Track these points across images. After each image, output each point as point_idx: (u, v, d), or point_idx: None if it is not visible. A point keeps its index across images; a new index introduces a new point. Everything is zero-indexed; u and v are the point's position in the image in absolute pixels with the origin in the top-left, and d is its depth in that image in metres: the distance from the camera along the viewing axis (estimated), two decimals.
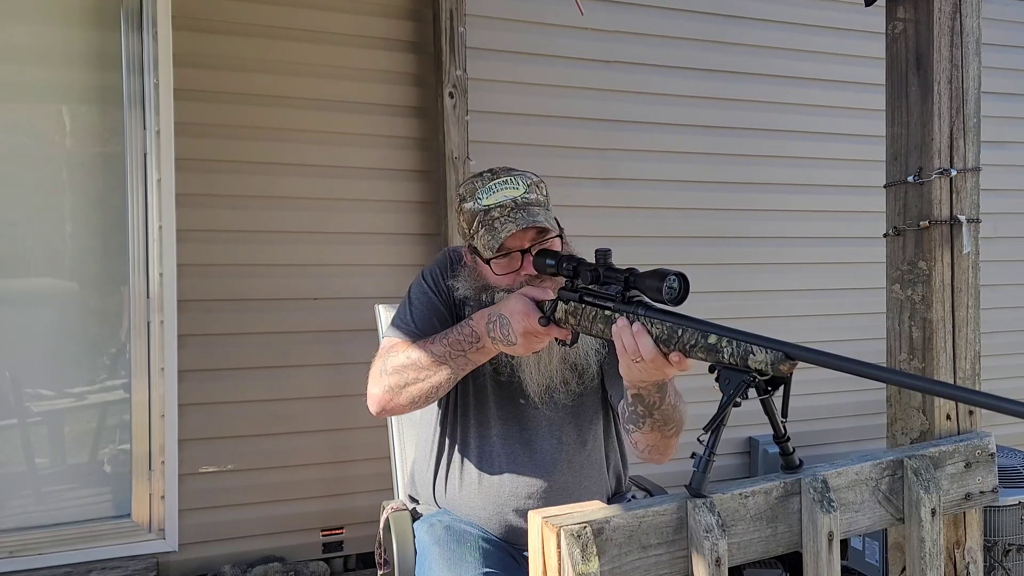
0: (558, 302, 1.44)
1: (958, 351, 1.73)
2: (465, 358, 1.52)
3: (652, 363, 1.28)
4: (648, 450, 1.53)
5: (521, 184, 1.60)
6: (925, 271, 1.72)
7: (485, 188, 1.59)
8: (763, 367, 1.15)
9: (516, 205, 1.56)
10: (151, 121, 2.69)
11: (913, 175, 1.74)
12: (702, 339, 1.22)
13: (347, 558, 3.02)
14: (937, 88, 1.71)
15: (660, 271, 1.28)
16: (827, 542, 1.28)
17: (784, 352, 1.13)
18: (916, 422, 1.74)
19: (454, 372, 1.53)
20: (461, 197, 1.64)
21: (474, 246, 1.61)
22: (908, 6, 1.75)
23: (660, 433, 1.48)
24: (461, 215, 1.63)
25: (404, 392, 1.55)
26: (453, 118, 2.99)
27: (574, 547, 1.13)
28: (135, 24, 2.69)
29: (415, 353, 1.54)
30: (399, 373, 1.55)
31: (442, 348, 1.53)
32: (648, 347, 1.27)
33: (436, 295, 1.67)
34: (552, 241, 1.60)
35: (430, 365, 1.52)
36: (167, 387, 2.73)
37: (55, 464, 2.74)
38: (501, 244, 1.54)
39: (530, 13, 3.24)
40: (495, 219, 1.55)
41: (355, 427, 2.90)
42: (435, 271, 1.71)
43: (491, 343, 1.49)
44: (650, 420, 1.45)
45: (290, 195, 2.91)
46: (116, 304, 2.76)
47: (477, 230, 1.57)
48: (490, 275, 1.60)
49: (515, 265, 1.58)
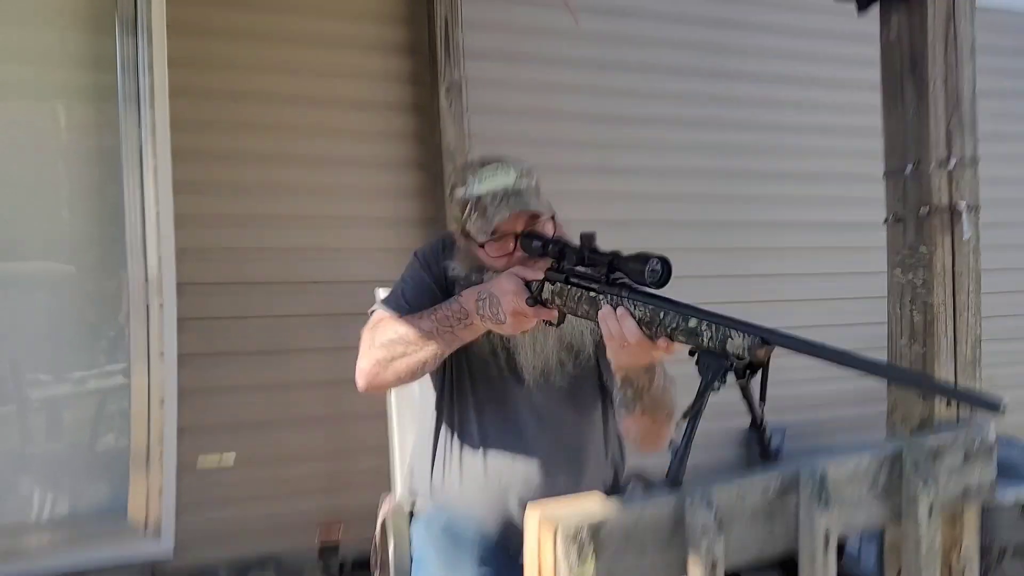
0: (545, 283, 1.46)
1: (959, 335, 1.74)
2: (453, 334, 1.53)
3: (638, 346, 1.29)
4: (641, 437, 1.56)
5: (512, 172, 1.61)
6: (926, 255, 1.72)
7: (477, 176, 1.61)
8: (740, 352, 1.15)
9: (508, 192, 1.57)
10: (146, 118, 2.70)
11: (910, 165, 1.74)
12: (683, 322, 1.23)
13: (344, 559, 3.00)
14: (932, 92, 1.72)
15: (642, 254, 1.29)
16: (823, 541, 1.26)
17: (761, 337, 1.14)
18: (916, 408, 1.74)
19: (441, 348, 1.54)
20: (453, 185, 1.67)
21: (466, 231, 1.63)
22: (902, 13, 1.76)
23: (651, 418, 1.50)
24: (453, 202, 1.66)
25: (391, 367, 1.56)
26: (449, 116, 3.04)
27: (570, 549, 1.11)
28: (130, 29, 2.71)
29: (403, 328, 1.56)
30: (386, 348, 1.56)
31: (430, 324, 1.54)
32: (632, 330, 1.29)
33: (428, 274, 1.69)
34: (544, 224, 1.61)
35: (417, 340, 1.53)
36: (167, 372, 2.72)
37: (52, 453, 2.73)
38: (494, 228, 1.56)
39: (525, 18, 3.30)
40: (487, 206, 1.57)
41: (354, 415, 2.88)
42: (427, 252, 1.73)
43: (479, 320, 1.51)
44: (640, 404, 1.47)
45: (290, 184, 2.95)
46: (114, 288, 2.76)
47: (469, 216, 1.59)
48: (485, 257, 1.62)
49: (508, 248, 1.60)
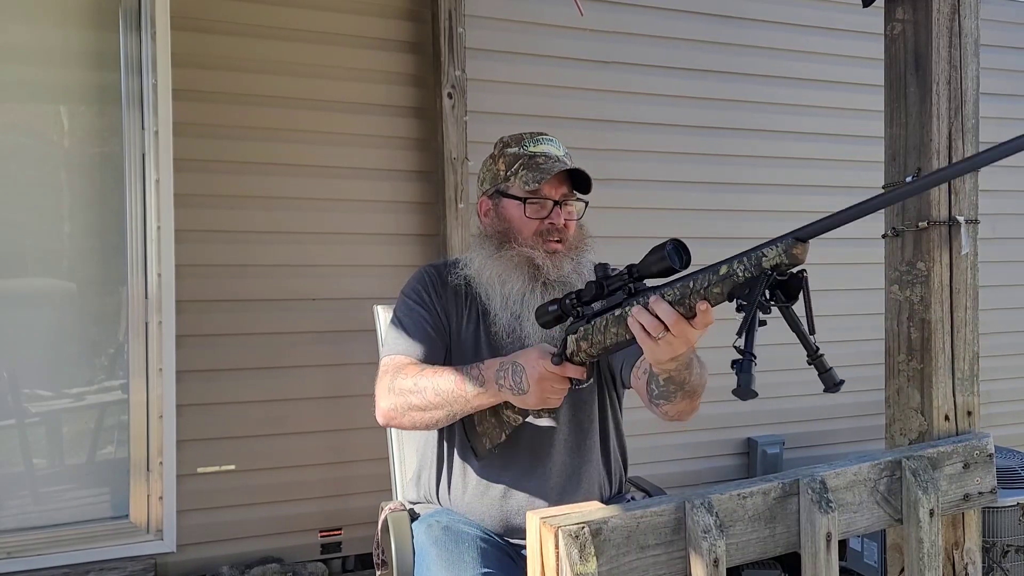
0: (567, 337, 1.44)
1: (956, 352, 1.73)
2: (466, 400, 1.54)
3: (675, 328, 1.26)
4: (677, 415, 1.57)
5: (562, 148, 1.74)
6: (924, 272, 1.72)
7: (532, 140, 1.71)
8: (778, 260, 1.16)
9: (559, 159, 1.69)
10: (149, 121, 2.69)
11: (912, 176, 1.74)
12: (713, 275, 1.23)
13: (345, 559, 3.02)
14: (936, 89, 1.71)
15: (656, 247, 1.29)
16: (825, 543, 1.28)
17: (793, 236, 1.15)
18: (914, 423, 1.73)
19: (453, 412, 1.56)
20: (505, 143, 1.74)
21: (501, 189, 1.69)
22: (907, 7, 1.75)
23: (689, 400, 1.52)
24: (501, 159, 1.72)
25: (406, 416, 1.60)
26: (452, 119, 2.99)
27: (572, 547, 1.13)
28: (133, 24, 2.69)
29: (423, 383, 1.56)
30: (404, 396, 1.58)
31: (448, 385, 1.54)
32: (667, 311, 1.26)
33: (422, 306, 1.70)
34: (573, 208, 1.70)
35: (433, 399, 1.55)
36: (165, 387, 2.72)
37: (53, 464, 2.74)
38: (540, 186, 1.64)
39: (529, 13, 3.23)
40: (540, 163, 1.66)
41: (354, 427, 2.90)
42: (415, 287, 1.75)
43: (497, 390, 1.50)
44: (681, 392, 1.48)
45: (289, 195, 2.90)
46: (114, 304, 2.76)
47: (517, 171, 1.67)
48: (517, 215, 1.67)
49: (543, 213, 1.66)
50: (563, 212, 1.68)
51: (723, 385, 1.29)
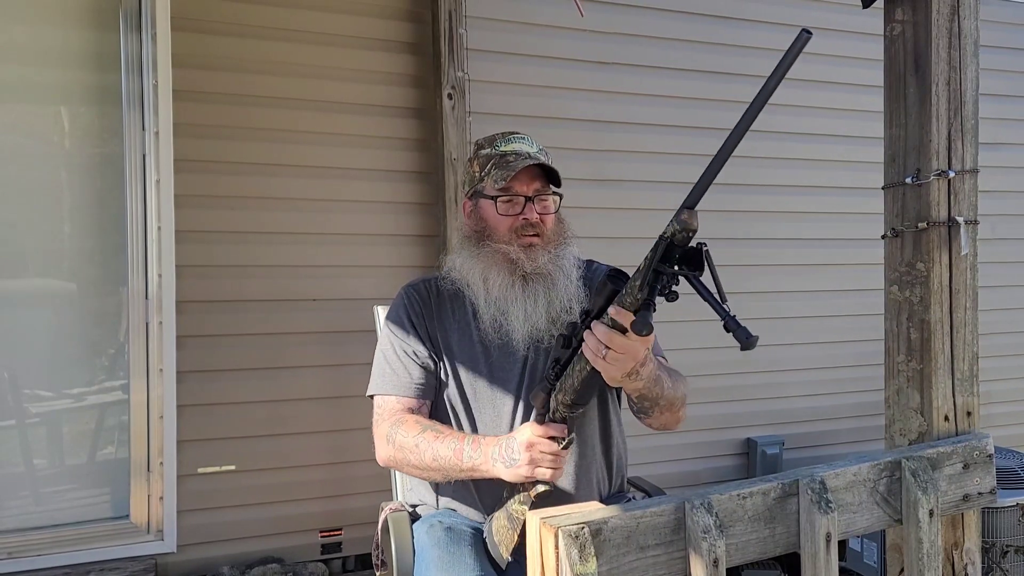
0: (548, 396, 1.51)
1: (956, 352, 1.73)
2: (460, 470, 1.59)
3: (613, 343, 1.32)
4: (661, 426, 1.65)
5: (535, 145, 1.77)
6: (923, 272, 1.72)
7: (504, 139, 1.76)
8: (672, 229, 1.23)
9: (529, 156, 1.71)
10: (150, 122, 2.69)
11: (911, 176, 1.74)
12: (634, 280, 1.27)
13: (345, 559, 3.02)
14: (935, 90, 1.71)
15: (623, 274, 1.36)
16: (824, 543, 1.29)
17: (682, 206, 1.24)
18: (914, 423, 1.73)
19: (447, 476, 1.63)
20: (479, 145, 1.79)
21: (478, 189, 1.74)
22: (906, 8, 1.76)
23: (670, 412, 1.61)
24: (476, 160, 1.77)
25: (404, 468, 1.70)
26: (452, 119, 2.99)
27: (572, 547, 1.13)
28: (134, 25, 2.69)
29: (423, 446, 1.61)
30: (403, 453, 1.63)
31: (446, 453, 1.58)
32: (601, 329, 1.33)
33: (405, 337, 1.74)
34: (548, 201, 1.72)
35: (430, 464, 1.60)
36: (166, 388, 2.72)
37: (54, 465, 2.74)
38: (513, 176, 1.67)
39: (529, 14, 3.24)
40: (509, 161, 1.70)
41: (354, 428, 2.89)
42: (396, 316, 1.78)
43: (492, 465, 1.54)
44: (658, 408, 1.57)
45: (289, 196, 2.91)
46: (115, 305, 2.76)
47: (489, 171, 1.71)
48: (492, 214, 1.71)
49: (516, 209, 1.70)
50: (536, 207, 1.70)
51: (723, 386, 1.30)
